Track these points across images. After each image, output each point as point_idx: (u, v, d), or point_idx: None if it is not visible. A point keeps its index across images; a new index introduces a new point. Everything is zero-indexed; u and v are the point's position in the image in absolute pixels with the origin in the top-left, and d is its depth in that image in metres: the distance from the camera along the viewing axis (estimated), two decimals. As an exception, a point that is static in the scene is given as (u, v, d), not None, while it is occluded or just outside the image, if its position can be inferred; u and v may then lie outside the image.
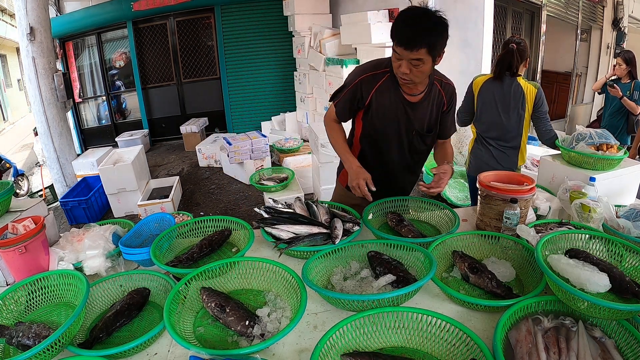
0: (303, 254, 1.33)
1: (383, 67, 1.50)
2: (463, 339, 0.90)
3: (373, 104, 1.54)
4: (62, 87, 4.23)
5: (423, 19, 1.29)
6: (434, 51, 1.31)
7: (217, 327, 1.07)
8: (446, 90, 1.56)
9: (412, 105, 1.53)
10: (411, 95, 1.51)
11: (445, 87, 1.56)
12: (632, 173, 1.77)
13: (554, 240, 1.20)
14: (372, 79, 1.51)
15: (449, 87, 1.58)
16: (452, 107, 1.61)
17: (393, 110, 1.53)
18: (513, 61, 2.10)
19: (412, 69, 1.34)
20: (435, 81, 1.54)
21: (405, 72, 1.35)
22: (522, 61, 2.13)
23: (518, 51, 2.09)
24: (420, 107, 1.54)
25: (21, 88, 14.04)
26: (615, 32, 6.06)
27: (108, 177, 3.91)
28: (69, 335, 0.96)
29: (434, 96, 1.55)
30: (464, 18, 3.85)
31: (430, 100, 1.54)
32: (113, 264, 1.37)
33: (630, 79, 3.47)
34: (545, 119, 2.14)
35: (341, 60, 4.87)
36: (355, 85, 1.53)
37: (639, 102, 3.39)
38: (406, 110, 1.53)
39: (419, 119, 1.56)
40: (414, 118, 1.55)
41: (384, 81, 1.50)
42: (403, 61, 1.34)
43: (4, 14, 11.86)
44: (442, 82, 1.56)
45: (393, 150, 1.62)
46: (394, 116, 1.54)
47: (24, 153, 8.71)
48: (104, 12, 6.31)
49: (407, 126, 1.56)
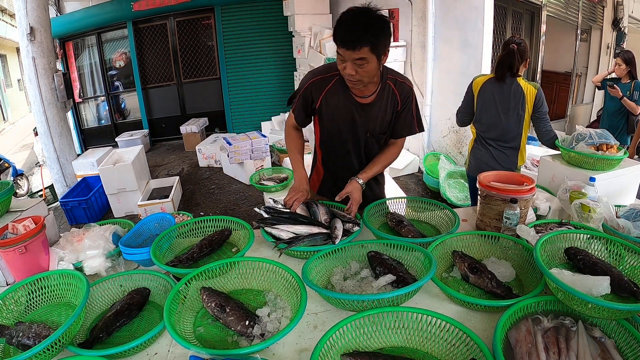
0: (303, 254, 1.33)
1: (333, 70, 1.48)
2: (463, 339, 0.90)
3: (323, 108, 1.54)
4: (62, 87, 4.23)
5: (363, 17, 1.29)
6: (376, 49, 1.30)
7: (217, 327, 1.07)
8: (401, 89, 1.53)
9: (363, 106, 1.51)
10: (361, 97, 1.50)
11: (399, 86, 1.52)
12: (632, 173, 1.77)
13: (553, 240, 1.20)
14: (321, 83, 1.51)
15: (404, 87, 1.53)
16: (406, 107, 1.56)
17: (343, 113, 1.52)
18: (514, 62, 2.10)
19: (357, 69, 1.33)
20: (388, 81, 1.51)
21: (351, 73, 1.34)
22: (523, 61, 2.13)
23: (518, 52, 2.09)
24: (373, 108, 1.52)
25: (21, 88, 14.04)
26: (615, 32, 6.06)
27: (108, 177, 3.91)
28: (69, 335, 0.96)
29: (387, 96, 1.52)
30: (464, 18, 3.85)
31: (383, 100, 1.51)
32: (113, 264, 1.37)
33: (630, 79, 3.46)
34: (545, 119, 2.14)
35: (341, 60, 4.87)
36: (305, 90, 1.54)
37: (639, 102, 3.38)
38: (357, 112, 1.52)
39: (371, 120, 1.54)
40: (366, 120, 1.53)
41: (333, 84, 1.50)
42: (347, 62, 1.33)
43: (4, 14, 11.87)
44: (397, 81, 1.52)
45: (350, 154, 1.61)
46: (345, 119, 1.53)
47: (24, 153, 8.71)
48: (104, 12, 6.31)
49: (359, 128, 1.55)
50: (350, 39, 1.27)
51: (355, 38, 1.27)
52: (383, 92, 1.50)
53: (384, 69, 1.51)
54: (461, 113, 2.37)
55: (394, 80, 1.52)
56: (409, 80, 1.57)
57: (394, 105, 1.54)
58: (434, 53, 4.24)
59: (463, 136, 4.19)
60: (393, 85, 1.52)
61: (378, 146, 1.63)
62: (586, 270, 1.11)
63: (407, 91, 1.54)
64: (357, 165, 1.64)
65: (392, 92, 1.52)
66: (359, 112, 1.52)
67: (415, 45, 4.46)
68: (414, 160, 4.74)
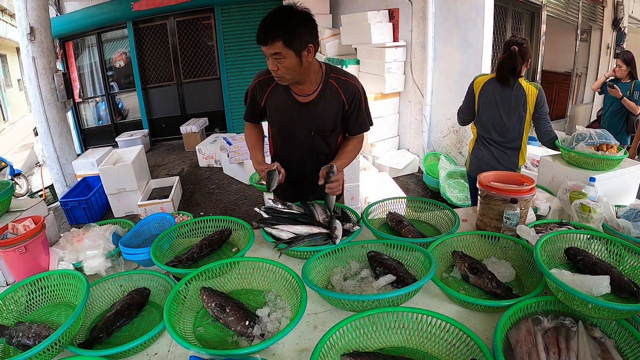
0: (303, 254, 1.33)
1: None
2: (463, 339, 0.90)
3: (267, 108, 1.57)
4: (62, 87, 4.23)
5: (279, 13, 1.31)
6: (291, 44, 1.30)
7: (217, 327, 1.07)
8: (344, 88, 1.51)
9: (304, 105, 1.52)
10: (302, 96, 1.51)
11: (343, 85, 1.51)
12: (632, 173, 1.77)
13: (553, 240, 1.20)
14: (265, 83, 1.54)
15: (348, 85, 1.52)
16: (356, 107, 1.55)
17: (285, 112, 1.55)
18: (516, 64, 2.08)
19: (277, 65, 1.35)
20: (330, 79, 1.50)
21: (272, 68, 1.37)
22: (524, 62, 2.12)
23: (520, 53, 2.08)
24: (315, 107, 1.52)
25: (21, 88, 14.04)
26: (615, 32, 6.06)
27: (108, 177, 3.91)
28: (69, 335, 0.96)
29: (330, 95, 1.51)
30: (464, 18, 3.85)
31: (325, 99, 1.51)
32: (113, 264, 1.37)
33: (630, 79, 3.47)
34: (545, 120, 2.13)
35: (341, 60, 4.87)
36: (252, 90, 1.58)
37: (639, 102, 3.39)
38: (299, 112, 1.53)
39: (314, 119, 1.54)
40: (309, 119, 1.54)
41: (275, 84, 1.51)
42: (269, 59, 1.35)
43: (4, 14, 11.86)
44: (340, 79, 1.52)
45: (298, 153, 1.62)
46: (288, 118, 1.56)
47: (24, 153, 8.71)
48: (104, 12, 6.31)
49: (303, 127, 1.56)
50: (262, 34, 1.31)
51: (267, 33, 1.30)
52: (325, 90, 1.51)
53: (327, 68, 1.52)
54: (462, 113, 2.37)
55: (336, 79, 1.52)
56: (354, 78, 1.55)
57: (339, 104, 1.53)
58: (434, 53, 4.24)
59: (463, 136, 4.19)
60: (336, 84, 1.51)
61: (326, 144, 1.62)
62: (586, 271, 1.11)
63: (353, 90, 1.53)
64: (307, 164, 1.64)
65: (335, 90, 1.51)
66: (301, 111, 1.53)
67: (415, 45, 4.46)
68: (414, 160, 4.74)
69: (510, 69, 2.10)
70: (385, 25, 4.58)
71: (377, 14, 4.56)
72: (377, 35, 4.49)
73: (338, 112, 1.55)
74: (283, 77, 1.40)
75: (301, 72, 1.40)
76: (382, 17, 4.61)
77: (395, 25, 4.65)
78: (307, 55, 1.37)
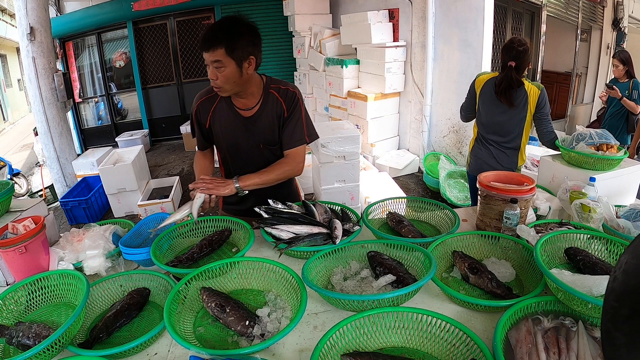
0: (303, 254, 1.33)
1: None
2: (463, 339, 0.90)
3: (213, 127, 1.55)
4: (62, 87, 4.23)
5: (225, 22, 1.32)
6: (233, 53, 1.31)
7: (217, 327, 1.07)
8: (285, 97, 1.51)
9: (248, 119, 1.51)
10: (245, 110, 1.50)
11: (284, 94, 1.51)
12: (632, 173, 1.77)
13: (553, 240, 1.20)
14: (207, 103, 1.53)
15: (289, 93, 1.51)
16: (294, 114, 1.52)
17: (231, 128, 1.53)
18: (513, 83, 2.08)
19: (217, 74, 1.34)
20: (271, 90, 1.50)
21: (212, 77, 1.36)
22: (523, 69, 2.11)
23: (517, 67, 2.07)
24: (259, 120, 1.51)
25: (21, 88, 14.05)
26: (615, 32, 6.06)
27: (108, 177, 3.91)
28: (69, 335, 0.96)
29: (272, 106, 1.51)
30: (464, 18, 3.85)
31: (267, 111, 1.51)
32: (113, 264, 1.37)
33: (628, 78, 3.47)
34: (546, 120, 2.13)
35: (341, 60, 4.87)
36: (195, 113, 1.56)
37: (638, 102, 3.39)
38: (244, 126, 1.52)
39: (260, 132, 1.53)
40: (255, 132, 1.53)
41: (218, 102, 1.51)
42: (209, 66, 1.35)
43: (4, 14, 11.87)
44: (280, 89, 1.51)
45: (250, 168, 1.55)
46: (234, 134, 1.54)
47: (24, 153, 8.71)
48: (104, 12, 6.31)
49: (250, 141, 1.54)
50: (205, 40, 1.31)
51: (210, 40, 1.30)
52: (267, 102, 1.50)
53: (268, 80, 1.52)
54: (464, 110, 2.38)
55: (277, 89, 1.51)
56: (294, 86, 1.55)
57: (280, 112, 1.52)
58: (434, 53, 4.24)
59: (463, 136, 4.19)
60: (277, 93, 1.51)
61: (274, 157, 1.59)
62: (586, 271, 1.11)
63: (292, 96, 1.51)
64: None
65: (276, 100, 1.51)
66: (246, 125, 1.52)
67: (415, 45, 4.46)
68: (414, 160, 4.74)
69: (508, 86, 2.09)
70: (385, 25, 4.58)
71: (377, 14, 4.56)
72: (377, 35, 4.50)
73: (279, 122, 1.53)
74: (222, 88, 1.39)
75: (240, 83, 1.40)
76: (382, 17, 4.61)
77: (395, 25, 4.65)
78: (248, 67, 1.37)
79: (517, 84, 2.08)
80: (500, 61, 2.20)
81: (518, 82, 2.08)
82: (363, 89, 4.88)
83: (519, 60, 2.08)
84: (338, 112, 5.16)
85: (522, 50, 2.08)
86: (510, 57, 2.09)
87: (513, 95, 2.11)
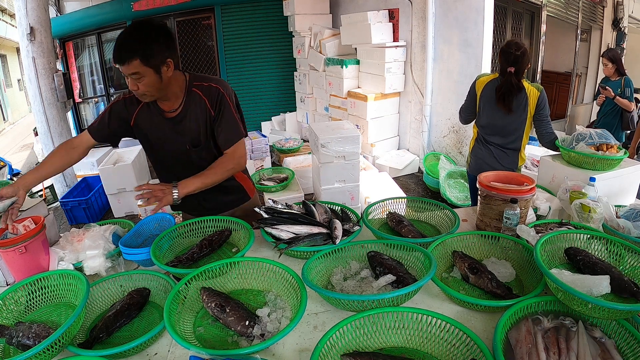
0: (303, 254, 1.33)
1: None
2: (463, 339, 0.90)
3: (137, 127, 1.51)
4: (62, 87, 4.23)
5: (134, 31, 1.28)
6: (149, 61, 1.27)
7: (217, 327, 1.07)
8: (208, 94, 1.45)
9: (173, 120, 1.47)
10: (169, 111, 1.47)
11: (206, 91, 1.45)
12: (632, 173, 1.77)
13: (553, 240, 1.20)
14: (134, 100, 1.47)
15: (211, 89, 1.46)
16: (222, 112, 1.46)
17: (155, 130, 1.49)
18: (513, 89, 2.07)
19: (137, 84, 1.31)
20: (194, 89, 1.45)
21: (132, 88, 1.33)
22: (523, 72, 2.10)
23: (516, 72, 2.06)
24: (183, 120, 1.47)
25: (21, 88, 14.05)
26: (615, 32, 6.06)
27: (108, 177, 3.91)
28: (69, 335, 0.96)
29: (196, 104, 1.46)
30: (464, 18, 3.85)
31: (191, 110, 1.46)
32: (113, 264, 1.37)
33: (618, 76, 3.49)
34: (546, 121, 2.12)
35: (341, 60, 4.87)
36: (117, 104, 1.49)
37: (631, 99, 3.41)
38: (168, 127, 1.48)
39: (186, 133, 1.48)
40: (181, 133, 1.48)
41: (144, 103, 1.46)
42: (128, 78, 1.31)
43: (4, 14, 11.87)
44: (203, 86, 1.46)
45: (178, 172, 1.51)
46: (159, 135, 1.50)
47: (24, 153, 8.71)
48: (104, 12, 6.31)
49: (176, 143, 1.50)
50: (118, 55, 1.27)
51: (123, 53, 1.26)
52: (190, 102, 1.46)
53: (191, 77, 1.47)
54: (464, 112, 2.37)
55: (199, 87, 1.46)
56: (219, 81, 1.49)
57: (205, 111, 1.47)
58: (434, 53, 4.24)
59: (463, 136, 4.19)
60: (199, 91, 1.46)
61: (203, 159, 1.53)
62: (586, 271, 1.11)
63: (215, 93, 1.45)
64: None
65: (199, 98, 1.46)
66: (170, 126, 1.48)
67: (415, 45, 4.46)
68: (414, 160, 4.74)
69: (509, 94, 2.08)
70: (385, 25, 4.58)
71: (377, 14, 4.56)
72: (377, 35, 4.49)
73: (205, 121, 1.48)
74: (145, 95, 1.36)
75: (162, 88, 1.37)
76: (382, 17, 4.61)
77: (395, 25, 4.65)
78: (167, 70, 1.34)
79: (517, 89, 2.08)
80: (498, 64, 2.20)
81: (518, 87, 2.07)
82: (363, 89, 4.88)
83: (518, 64, 2.06)
84: (338, 112, 5.16)
85: (520, 55, 2.06)
86: (509, 63, 2.07)
87: (513, 102, 2.10)
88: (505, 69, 2.09)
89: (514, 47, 2.08)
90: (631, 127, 3.52)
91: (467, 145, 3.09)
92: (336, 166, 3.24)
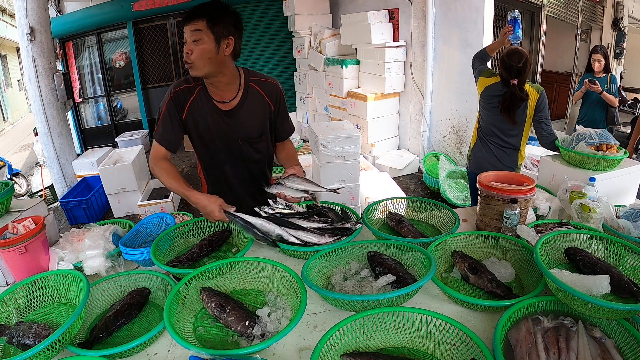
0: (303, 254, 1.33)
1: (194, 80, 1.45)
2: (463, 339, 0.90)
3: (189, 119, 1.46)
4: (62, 87, 4.23)
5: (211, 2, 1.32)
6: (214, 27, 1.30)
7: (217, 327, 1.07)
8: (267, 89, 1.48)
9: (227, 113, 1.46)
10: (223, 102, 1.45)
11: (265, 86, 1.48)
12: (632, 173, 1.77)
13: (553, 240, 1.20)
14: (184, 94, 1.44)
15: (270, 86, 1.49)
16: (282, 108, 1.54)
17: (209, 122, 1.47)
18: (516, 101, 2.07)
19: (193, 47, 1.30)
20: (251, 83, 1.47)
21: (187, 51, 1.32)
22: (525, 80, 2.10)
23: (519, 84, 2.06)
24: (238, 114, 1.46)
25: (21, 88, 14.04)
26: (615, 32, 6.06)
27: (108, 177, 3.91)
28: (69, 335, 0.96)
29: (253, 99, 1.47)
30: (464, 18, 3.85)
31: (248, 104, 1.47)
32: (113, 264, 1.37)
33: (605, 73, 3.52)
34: (545, 123, 2.12)
35: (341, 60, 4.87)
36: (167, 104, 1.44)
37: (616, 95, 3.44)
38: (223, 120, 1.47)
39: (240, 126, 1.48)
40: (235, 127, 1.48)
41: (197, 93, 1.44)
42: (187, 41, 1.32)
43: (4, 14, 11.86)
44: (261, 82, 1.48)
45: (224, 163, 1.53)
46: (212, 128, 1.47)
47: (24, 153, 8.71)
48: (104, 12, 6.31)
49: (229, 136, 1.49)
50: (189, 13, 1.31)
51: (194, 11, 1.30)
52: (247, 95, 1.46)
53: (246, 72, 1.47)
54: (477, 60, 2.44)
55: (257, 82, 1.48)
56: (273, 79, 1.52)
57: (264, 107, 1.49)
58: (434, 53, 4.24)
59: (463, 136, 4.19)
60: (257, 86, 1.47)
61: (255, 152, 1.55)
62: (586, 271, 1.11)
63: (276, 90, 1.51)
64: (239, 177, 1.59)
65: (257, 93, 1.47)
66: (225, 119, 1.46)
67: (415, 45, 4.46)
68: (414, 160, 4.74)
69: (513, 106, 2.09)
70: (385, 25, 4.58)
71: (377, 14, 4.56)
72: (377, 35, 4.49)
73: (264, 116, 1.50)
74: (195, 64, 1.32)
75: (215, 63, 1.34)
76: (382, 17, 4.61)
77: (395, 25, 4.65)
78: (226, 48, 1.34)
79: (521, 101, 2.07)
80: (499, 70, 2.18)
81: (522, 99, 2.07)
82: (363, 89, 4.88)
83: (521, 76, 2.06)
84: (338, 112, 5.16)
85: (522, 66, 2.05)
86: (512, 75, 2.06)
87: (517, 113, 2.10)
88: (508, 81, 2.08)
89: (515, 60, 2.05)
90: (615, 122, 3.56)
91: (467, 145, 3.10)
92: (336, 166, 3.23)
